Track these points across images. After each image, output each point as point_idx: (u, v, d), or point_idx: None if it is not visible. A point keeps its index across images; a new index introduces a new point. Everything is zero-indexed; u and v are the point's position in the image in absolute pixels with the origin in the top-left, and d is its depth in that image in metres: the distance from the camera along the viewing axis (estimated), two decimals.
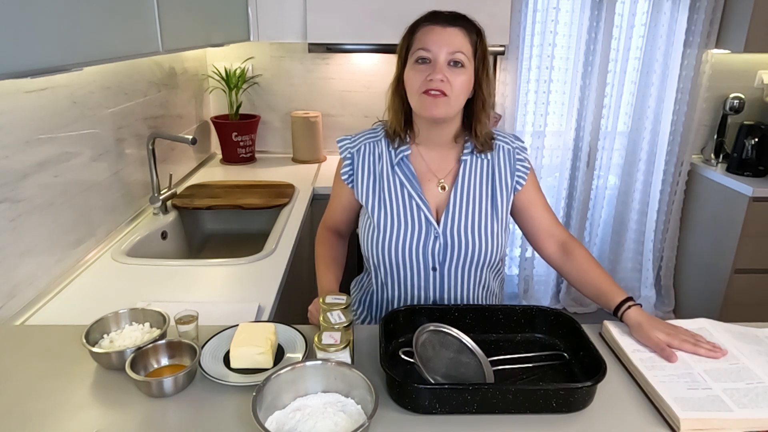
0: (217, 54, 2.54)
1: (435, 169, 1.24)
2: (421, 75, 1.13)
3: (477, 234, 1.20)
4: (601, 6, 2.52)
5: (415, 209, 1.21)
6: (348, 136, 1.30)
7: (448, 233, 1.20)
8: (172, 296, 1.31)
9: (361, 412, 0.86)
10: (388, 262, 1.23)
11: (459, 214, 1.21)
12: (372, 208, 1.23)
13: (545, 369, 1.04)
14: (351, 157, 1.27)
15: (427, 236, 1.20)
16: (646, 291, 2.95)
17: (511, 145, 1.27)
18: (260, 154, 2.69)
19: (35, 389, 0.94)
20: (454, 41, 1.13)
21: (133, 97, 1.78)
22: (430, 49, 1.12)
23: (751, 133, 2.53)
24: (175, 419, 0.88)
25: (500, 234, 1.23)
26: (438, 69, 1.11)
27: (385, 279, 1.26)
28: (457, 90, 1.13)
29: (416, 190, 1.21)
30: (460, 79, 1.13)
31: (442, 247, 1.20)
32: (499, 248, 1.23)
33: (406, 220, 1.20)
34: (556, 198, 2.87)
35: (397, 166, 1.23)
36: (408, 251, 1.20)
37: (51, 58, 0.86)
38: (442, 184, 1.23)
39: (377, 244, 1.22)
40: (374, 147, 1.26)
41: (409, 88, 1.17)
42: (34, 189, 1.27)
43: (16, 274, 1.22)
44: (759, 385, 0.94)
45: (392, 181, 1.23)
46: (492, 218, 1.22)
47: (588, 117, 2.69)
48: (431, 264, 1.22)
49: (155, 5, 1.24)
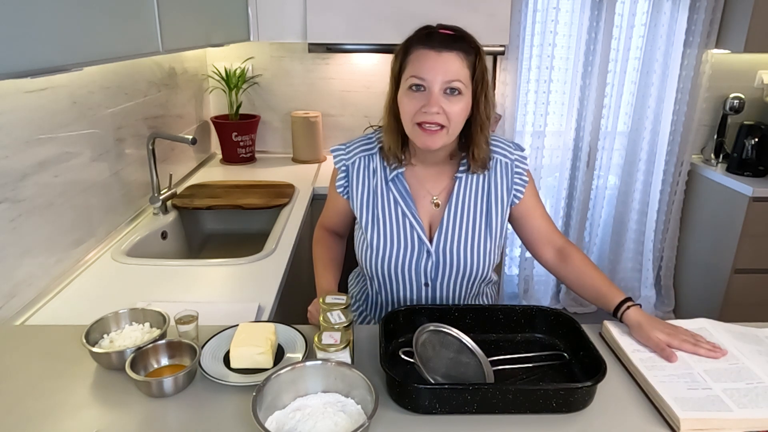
0: (217, 54, 2.54)
1: (429, 186, 1.23)
2: (415, 104, 1.08)
3: (469, 252, 1.20)
4: (601, 6, 2.52)
5: (408, 228, 1.20)
6: (342, 146, 1.27)
7: (440, 251, 1.20)
8: (172, 296, 1.31)
9: (361, 412, 0.86)
10: (380, 277, 1.24)
11: (452, 231, 1.20)
12: (366, 225, 1.22)
13: (545, 369, 1.04)
14: (346, 169, 1.25)
15: (420, 254, 1.20)
16: (646, 291, 2.95)
17: (509, 157, 1.24)
18: (260, 154, 2.69)
19: (35, 389, 0.94)
20: (450, 68, 1.07)
21: (133, 97, 1.78)
22: (425, 77, 1.07)
23: (751, 133, 2.53)
24: (175, 419, 0.88)
25: (493, 251, 1.22)
26: (433, 101, 1.06)
27: (380, 289, 1.28)
28: (453, 119, 1.09)
29: (410, 209, 1.20)
30: (457, 107, 1.09)
31: (434, 264, 1.21)
32: (491, 265, 1.23)
33: (398, 238, 1.20)
34: (556, 198, 2.87)
35: (392, 183, 1.22)
36: (400, 268, 1.21)
37: (51, 58, 0.86)
38: (435, 201, 1.22)
39: (370, 260, 1.22)
40: (369, 161, 1.24)
41: (403, 116, 1.12)
42: (34, 189, 1.27)
43: (16, 274, 1.22)
44: (759, 385, 0.94)
45: (386, 198, 1.21)
46: (485, 236, 1.21)
47: (588, 117, 2.69)
48: (423, 280, 1.23)
49: (155, 5, 1.24)
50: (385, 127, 1.20)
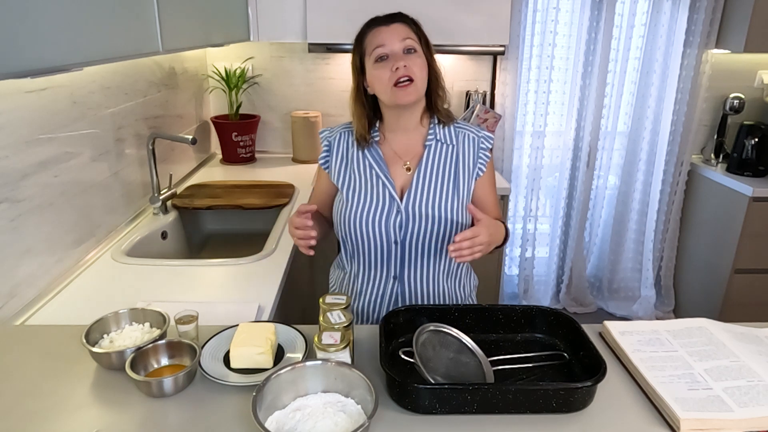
0: (217, 54, 2.54)
1: (402, 152, 1.33)
2: (385, 70, 1.23)
3: (437, 210, 1.28)
4: (601, 6, 2.52)
5: (381, 187, 1.30)
6: (329, 128, 1.41)
7: (410, 208, 1.28)
8: (172, 296, 1.31)
9: (361, 412, 0.86)
10: (353, 235, 1.30)
11: (421, 191, 1.30)
12: (342, 185, 1.33)
13: (545, 369, 1.04)
14: (329, 144, 1.38)
15: (390, 211, 1.29)
16: (646, 291, 2.95)
17: (477, 134, 1.35)
18: (260, 154, 2.69)
19: (35, 389, 0.94)
20: (401, 32, 1.25)
21: (133, 97, 1.78)
22: (385, 43, 1.24)
23: (751, 133, 2.53)
24: (175, 419, 0.88)
25: (460, 211, 1.30)
26: (398, 58, 1.23)
27: (352, 252, 1.35)
28: (418, 72, 1.24)
29: (383, 171, 1.31)
30: (418, 62, 1.24)
31: (403, 221, 1.28)
32: (459, 225, 1.29)
33: (371, 195, 1.30)
34: (556, 198, 2.87)
35: (367, 151, 1.33)
36: (371, 224, 1.28)
37: (51, 58, 0.86)
38: (407, 166, 1.32)
39: (345, 216, 1.30)
40: (349, 135, 1.37)
41: (378, 87, 1.26)
42: (34, 189, 1.27)
43: (17, 274, 1.22)
44: (759, 384, 0.94)
45: (362, 163, 1.33)
46: (453, 196, 1.30)
47: (588, 117, 2.69)
48: (393, 237, 1.29)
49: (155, 5, 1.24)
50: (353, 114, 1.35)
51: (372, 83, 1.28)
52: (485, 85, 2.66)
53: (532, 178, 2.80)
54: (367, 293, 1.35)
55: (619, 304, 2.95)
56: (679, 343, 1.07)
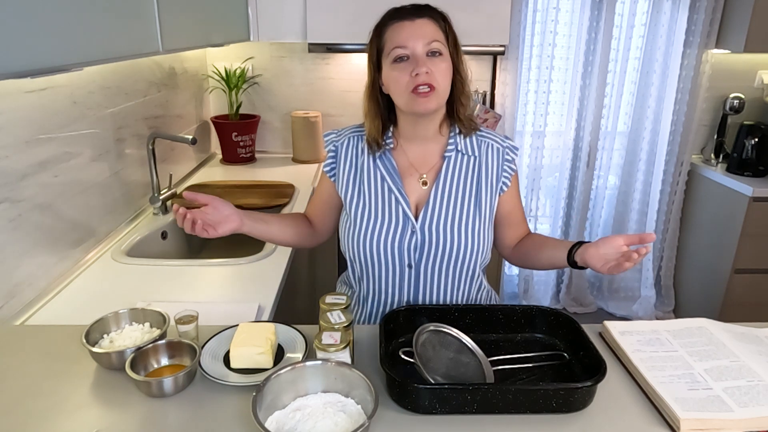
0: (217, 54, 2.54)
1: (417, 164, 1.21)
2: (404, 73, 1.09)
3: (456, 231, 1.16)
4: (601, 6, 2.52)
5: (394, 203, 1.18)
6: (335, 130, 1.28)
7: (426, 229, 1.16)
8: (172, 296, 1.31)
9: (361, 412, 0.86)
10: (363, 257, 1.19)
11: (439, 210, 1.17)
12: (350, 201, 1.20)
13: (545, 369, 1.04)
14: (335, 150, 1.25)
15: (404, 231, 1.17)
16: (646, 291, 2.95)
17: (501, 144, 1.23)
18: (260, 154, 2.69)
19: (35, 389, 0.94)
20: (427, 32, 1.10)
21: (133, 97, 1.78)
22: (406, 44, 1.09)
23: (751, 133, 2.53)
24: (175, 419, 0.88)
25: (482, 234, 1.18)
26: (420, 62, 1.08)
27: (361, 274, 1.23)
28: (441, 79, 1.11)
29: (396, 184, 1.18)
30: (442, 67, 1.11)
31: (419, 243, 1.17)
32: (481, 249, 1.19)
33: (383, 213, 1.18)
34: (556, 198, 2.87)
35: (379, 160, 1.20)
36: (383, 246, 1.17)
37: (51, 58, 0.86)
38: (423, 180, 1.20)
39: (353, 237, 1.19)
40: (358, 141, 1.23)
41: (394, 89, 1.13)
42: (34, 189, 1.27)
43: (16, 274, 1.22)
44: (759, 384, 0.94)
45: (372, 174, 1.20)
46: (475, 217, 1.18)
47: (588, 117, 2.69)
48: (407, 261, 1.18)
49: (155, 5, 1.24)
50: (365, 113, 1.20)
51: (388, 84, 1.14)
52: (485, 85, 2.66)
53: (532, 178, 2.80)
54: (377, 319, 1.24)
55: (619, 304, 2.95)
56: (679, 343, 1.07)
